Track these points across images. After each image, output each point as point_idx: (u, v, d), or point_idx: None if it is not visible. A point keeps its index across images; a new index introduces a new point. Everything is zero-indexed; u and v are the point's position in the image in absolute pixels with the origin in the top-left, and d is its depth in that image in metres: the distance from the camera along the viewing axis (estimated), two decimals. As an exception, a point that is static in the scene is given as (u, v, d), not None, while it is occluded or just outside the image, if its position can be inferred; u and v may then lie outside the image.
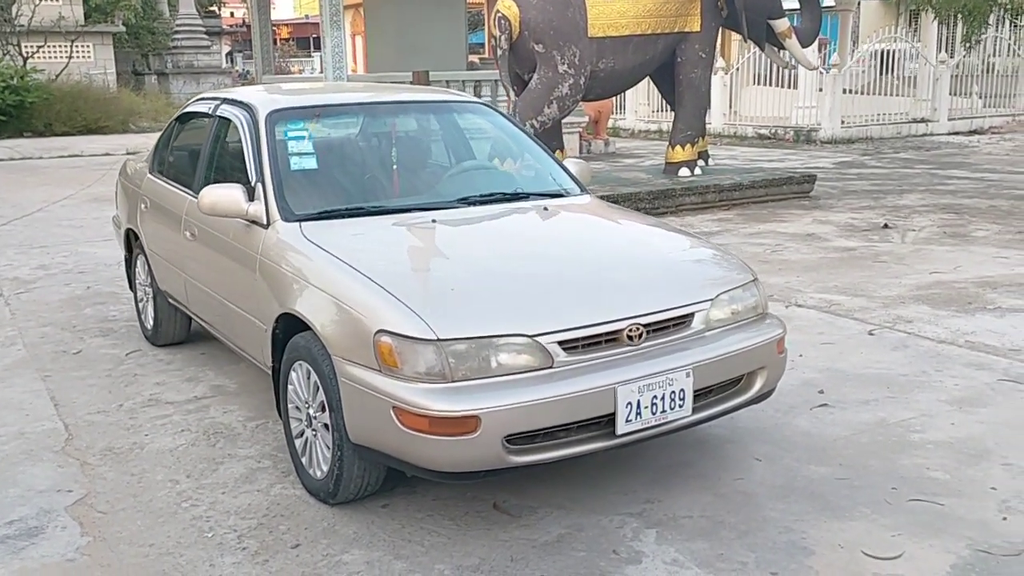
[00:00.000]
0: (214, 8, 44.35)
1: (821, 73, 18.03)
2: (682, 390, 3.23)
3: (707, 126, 19.67)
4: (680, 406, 3.25)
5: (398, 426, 2.98)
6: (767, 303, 3.77)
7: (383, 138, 4.49)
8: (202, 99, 5.01)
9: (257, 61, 16.57)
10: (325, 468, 3.40)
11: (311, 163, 4.05)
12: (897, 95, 19.85)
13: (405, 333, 3.00)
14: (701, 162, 11.22)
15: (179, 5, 36.89)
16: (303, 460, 3.57)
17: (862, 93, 19.49)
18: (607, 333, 3.19)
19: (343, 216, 3.84)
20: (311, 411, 3.45)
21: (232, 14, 55.29)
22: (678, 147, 10.75)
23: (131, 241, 5.68)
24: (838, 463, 3.79)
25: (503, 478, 3.56)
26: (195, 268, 4.54)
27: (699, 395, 3.36)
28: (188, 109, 5.13)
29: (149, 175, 5.32)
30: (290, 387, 3.58)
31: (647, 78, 11.30)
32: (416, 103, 4.77)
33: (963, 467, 3.73)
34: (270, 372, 3.81)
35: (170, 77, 35.63)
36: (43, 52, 27.39)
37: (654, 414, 3.19)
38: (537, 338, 3.07)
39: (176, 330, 5.37)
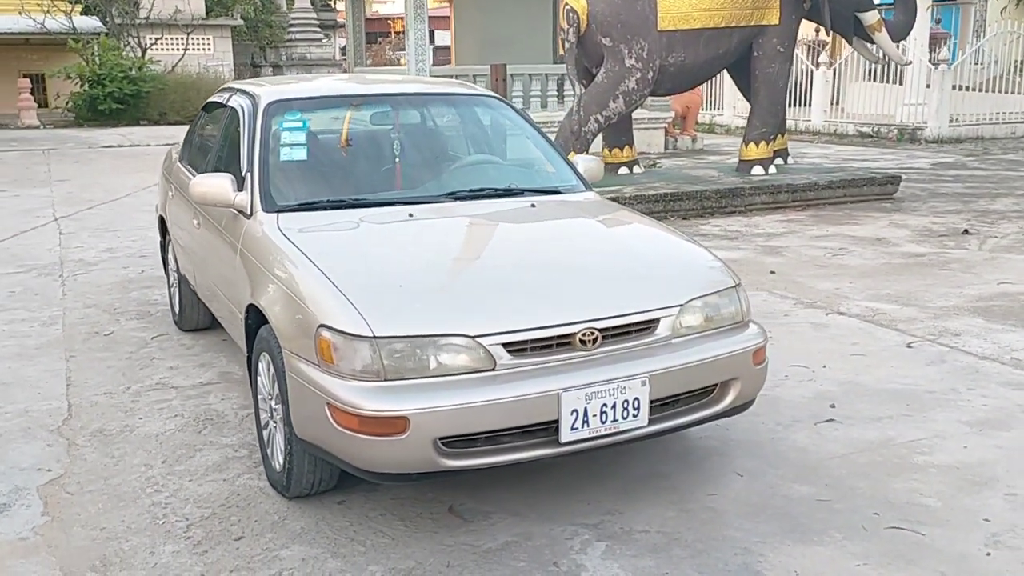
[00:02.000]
0: (330, 2, 45.45)
1: (930, 68, 17.19)
2: (636, 399, 3.08)
3: (807, 123, 19.17)
4: (634, 416, 3.10)
5: (332, 424, 2.94)
6: (750, 310, 3.57)
7: (383, 130, 4.45)
8: (222, 89, 5.09)
9: (349, 53, 16.86)
10: (281, 461, 3.39)
11: (301, 154, 4.05)
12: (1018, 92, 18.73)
13: (342, 329, 2.95)
14: (779, 160, 10.83)
15: (295, -1, 37.94)
16: (267, 451, 3.57)
17: (979, 90, 18.47)
18: (558, 336, 3.07)
19: (323, 208, 3.82)
20: (272, 403, 3.44)
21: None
22: (751, 144, 10.40)
23: (164, 227, 5.82)
24: (824, 483, 3.56)
25: (468, 480, 3.51)
26: (200, 255, 4.62)
27: (659, 405, 3.20)
28: (211, 99, 5.22)
29: (177, 163, 5.45)
30: (258, 378, 3.59)
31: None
32: (423, 95, 4.70)
33: (960, 495, 3.45)
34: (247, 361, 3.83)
35: (284, 69, 36.71)
36: (162, 44, 28.55)
37: (604, 423, 3.05)
38: (479, 339, 2.97)
39: (200, 315, 5.47)
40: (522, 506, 3.41)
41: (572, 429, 3.01)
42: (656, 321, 3.24)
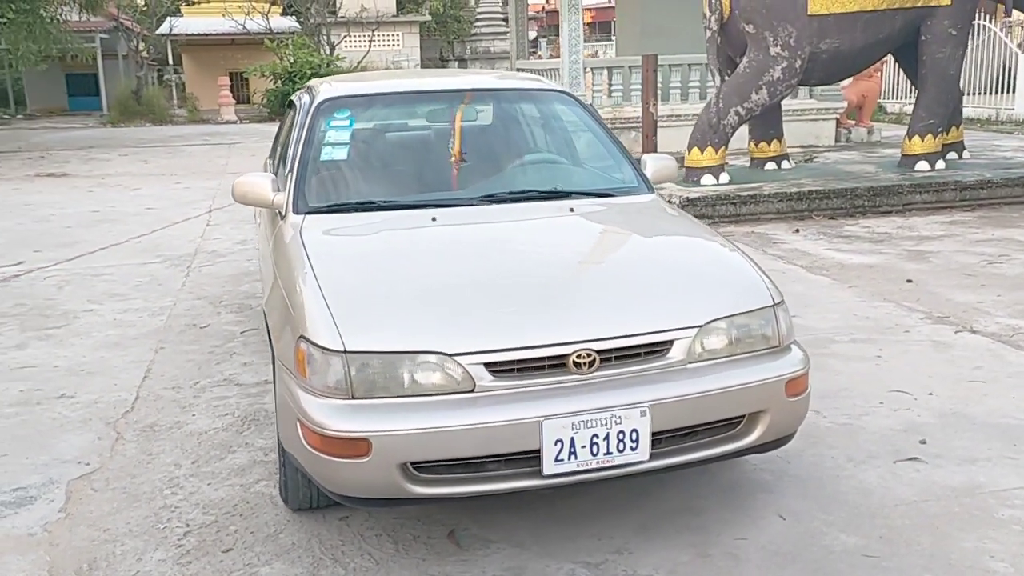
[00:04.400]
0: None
1: None
2: (634, 431, 2.76)
3: (1009, 112, 17.42)
4: (632, 449, 2.77)
5: (302, 440, 2.81)
6: (790, 333, 3.13)
7: (435, 128, 4.28)
8: (301, 87, 5.08)
9: (512, 47, 16.84)
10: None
11: (342, 154, 3.95)
12: None
13: (317, 342, 2.80)
14: (952, 154, 9.87)
15: (483, -6, 38.59)
16: (281, 459, 3.48)
17: None
18: (549, 358, 2.79)
19: (352, 210, 3.69)
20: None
21: (548, 1, 56.43)
22: (916, 137, 9.50)
23: (259, 224, 5.92)
24: (878, 534, 3.09)
25: (480, 503, 3.30)
26: (260, 254, 4.63)
27: (668, 438, 2.86)
28: (291, 97, 5.23)
29: (267, 159, 5.50)
30: (277, 384, 3.51)
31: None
32: (484, 92, 4.47)
33: (1043, 562, 2.90)
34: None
35: (468, 62, 37.45)
36: (351, 41, 29.76)
37: (595, 455, 2.75)
38: (457, 357, 2.74)
39: (285, 312, 5.50)
40: (528, 536, 3.15)
41: (556, 461, 2.73)
42: (668, 343, 2.89)
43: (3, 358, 5.23)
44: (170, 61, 29.44)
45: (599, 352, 2.81)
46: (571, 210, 3.67)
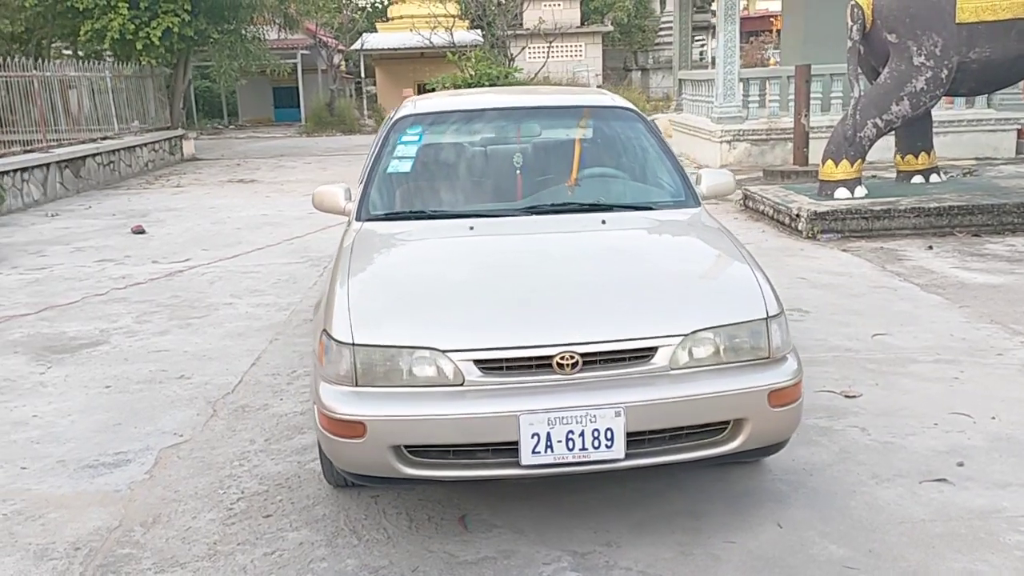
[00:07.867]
0: (705, 4, 45.34)
1: None
2: (609, 429, 2.94)
3: None
4: (608, 446, 2.96)
5: (317, 421, 3.17)
6: (785, 345, 3.19)
7: (497, 143, 4.56)
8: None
9: (675, 56, 16.86)
10: (324, 452, 3.68)
11: (407, 167, 4.31)
12: None
13: (333, 335, 3.16)
14: None
15: (667, 3, 38.45)
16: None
17: None
18: (535, 358, 3.02)
19: (404, 218, 4.05)
20: (325, 398, 3.74)
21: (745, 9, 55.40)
22: (1079, 151, 8.87)
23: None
24: (868, 548, 3.11)
25: (500, 491, 3.56)
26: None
27: (650, 439, 3.03)
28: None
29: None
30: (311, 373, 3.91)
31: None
32: (549, 109, 4.72)
33: (1030, 589, 2.85)
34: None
35: (650, 72, 37.48)
36: (531, 53, 30.52)
37: (570, 450, 2.96)
38: (449, 354, 3.02)
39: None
40: (529, 524, 3.38)
41: (534, 453, 2.95)
42: (652, 350, 3.05)
43: (146, 342, 5.96)
44: (363, 74, 31.18)
45: (582, 355, 3.01)
46: (603, 222, 3.87)
